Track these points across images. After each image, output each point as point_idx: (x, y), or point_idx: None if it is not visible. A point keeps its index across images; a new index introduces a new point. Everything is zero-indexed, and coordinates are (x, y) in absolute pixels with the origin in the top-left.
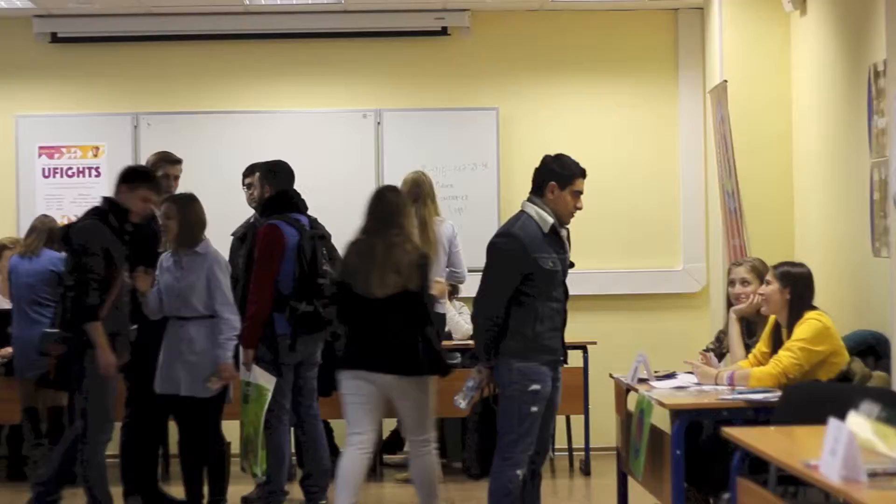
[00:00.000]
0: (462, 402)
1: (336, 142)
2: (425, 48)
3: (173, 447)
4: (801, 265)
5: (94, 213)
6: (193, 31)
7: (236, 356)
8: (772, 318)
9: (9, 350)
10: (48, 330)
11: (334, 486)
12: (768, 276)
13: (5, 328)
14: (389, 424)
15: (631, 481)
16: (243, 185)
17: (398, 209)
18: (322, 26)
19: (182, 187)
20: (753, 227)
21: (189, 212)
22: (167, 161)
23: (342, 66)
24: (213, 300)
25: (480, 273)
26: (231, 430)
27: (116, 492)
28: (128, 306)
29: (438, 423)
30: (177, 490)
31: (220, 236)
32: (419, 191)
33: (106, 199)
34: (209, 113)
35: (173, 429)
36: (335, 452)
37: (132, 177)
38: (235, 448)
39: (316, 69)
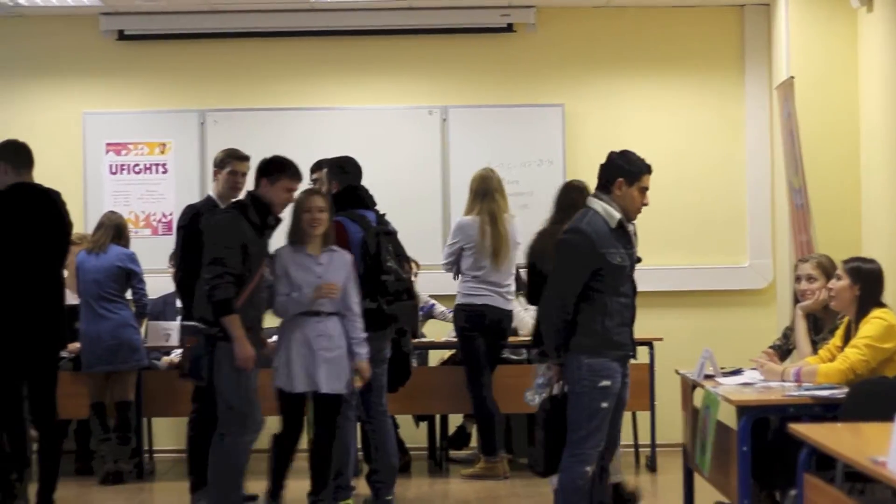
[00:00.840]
0: (534, 399)
1: (402, 138)
2: (491, 45)
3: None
4: (872, 261)
5: (234, 206)
6: (259, 29)
7: None
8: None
9: (77, 345)
10: (185, 322)
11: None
12: (838, 271)
13: (73, 323)
14: (455, 420)
15: (697, 478)
16: (310, 181)
17: (577, 201)
18: (388, 23)
19: (248, 184)
20: (820, 223)
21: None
22: (235, 158)
23: (408, 63)
24: (349, 297)
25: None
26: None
27: (184, 486)
28: (265, 302)
29: (506, 420)
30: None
31: (286, 233)
32: (487, 186)
33: (249, 193)
34: (275, 110)
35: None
36: (402, 449)
37: (271, 169)
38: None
39: (382, 66)
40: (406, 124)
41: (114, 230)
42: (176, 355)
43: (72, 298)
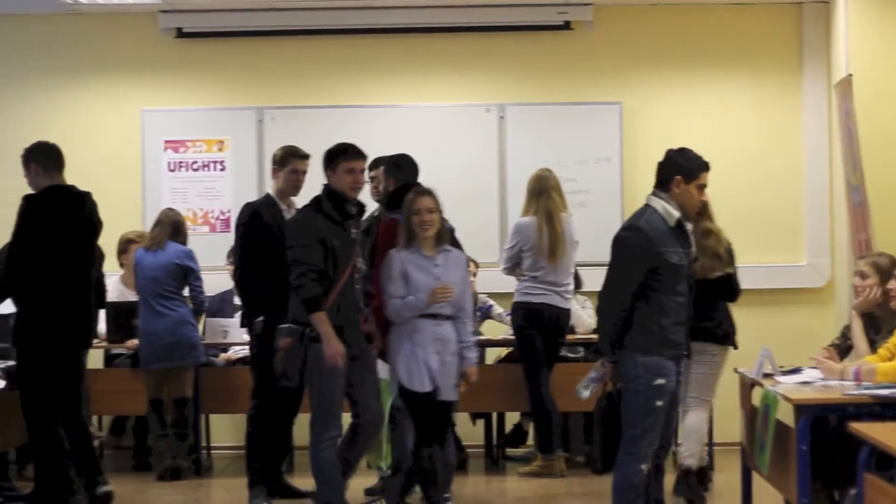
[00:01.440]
0: (584, 392)
1: (459, 136)
2: (548, 42)
3: (298, 438)
4: None
5: (310, 203)
6: (317, 26)
7: None
8: None
9: (135, 342)
10: (282, 325)
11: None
12: None
13: (131, 320)
14: (512, 418)
15: (755, 477)
16: (367, 178)
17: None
18: (446, 20)
19: (306, 182)
20: (879, 221)
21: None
22: (297, 156)
23: (465, 61)
24: (462, 298)
25: (601, 267)
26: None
27: (241, 483)
28: (358, 295)
29: (563, 418)
30: (301, 482)
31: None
32: (543, 185)
33: (324, 185)
34: (332, 107)
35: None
36: (459, 447)
37: (329, 158)
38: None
39: (439, 64)
40: (463, 122)
41: (171, 227)
42: (234, 352)
43: (129, 295)
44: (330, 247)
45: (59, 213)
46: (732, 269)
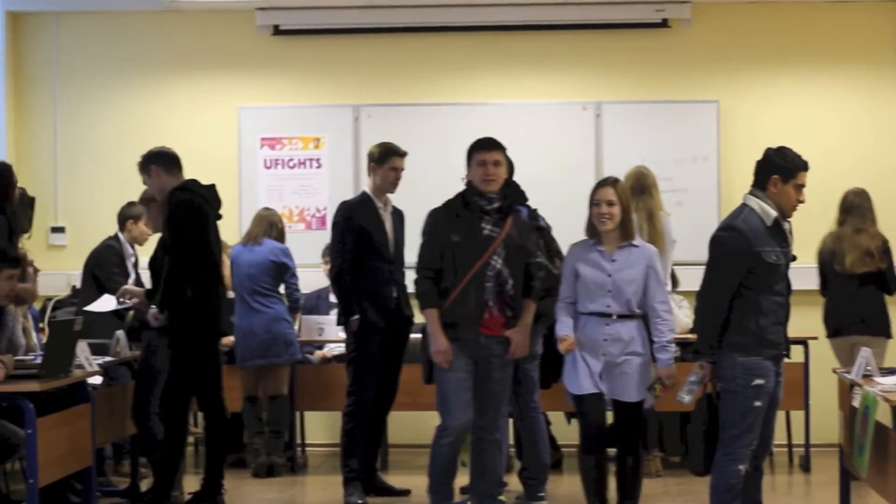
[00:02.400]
0: (686, 398)
1: (555, 134)
2: (646, 40)
3: (392, 436)
4: None
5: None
6: (414, 24)
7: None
8: None
9: (231, 339)
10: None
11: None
12: None
13: (227, 317)
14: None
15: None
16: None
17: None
18: (542, 18)
19: (402, 179)
20: None
21: (627, 198)
22: (394, 153)
23: (562, 58)
24: (650, 297)
25: (698, 267)
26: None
27: (336, 480)
28: (490, 293)
29: (658, 418)
30: (395, 479)
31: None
32: (643, 183)
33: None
34: (428, 105)
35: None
36: (554, 445)
37: (467, 152)
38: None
39: (535, 61)
40: (560, 120)
41: (267, 225)
42: (329, 349)
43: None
44: (448, 242)
45: (209, 207)
46: (885, 264)
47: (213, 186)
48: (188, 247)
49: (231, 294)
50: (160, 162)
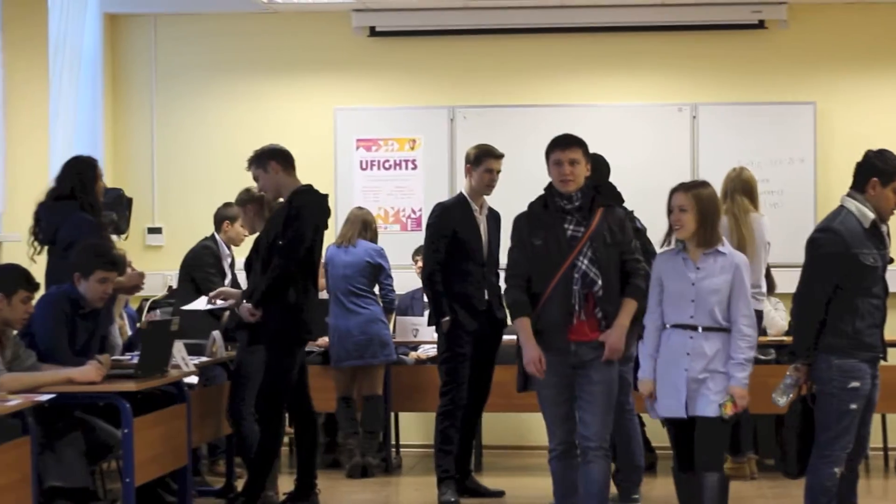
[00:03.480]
0: (780, 400)
1: (651, 135)
2: (742, 41)
3: (486, 438)
4: None
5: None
6: (510, 25)
7: None
8: None
9: (325, 340)
10: None
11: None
12: None
13: (322, 318)
14: None
15: None
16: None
17: None
18: (638, 20)
19: (499, 181)
20: None
21: (708, 203)
22: (490, 155)
23: (658, 60)
24: (732, 309)
25: (795, 269)
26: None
27: (430, 481)
28: (577, 297)
29: (752, 420)
30: (489, 481)
31: None
32: (734, 185)
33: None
34: (524, 106)
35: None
36: (649, 447)
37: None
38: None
39: (630, 62)
40: (656, 121)
41: (361, 225)
42: (423, 350)
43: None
44: (532, 247)
45: (324, 212)
46: None
47: (327, 196)
48: (301, 251)
49: (325, 295)
50: (280, 159)
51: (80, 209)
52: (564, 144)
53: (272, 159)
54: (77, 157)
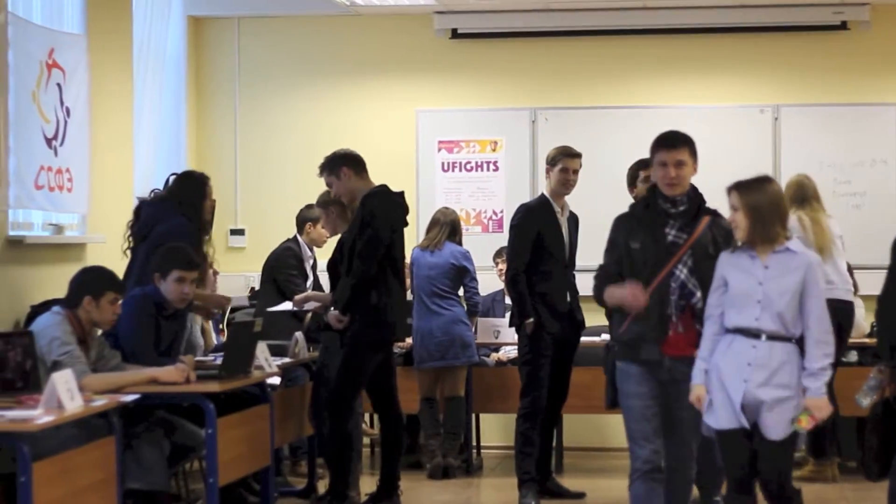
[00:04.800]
0: (863, 401)
1: (733, 137)
2: (824, 43)
3: (567, 439)
4: None
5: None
6: (590, 27)
7: None
8: None
9: (408, 341)
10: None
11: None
12: None
13: (406, 320)
14: None
15: None
16: (639, 180)
17: None
18: (719, 21)
19: (579, 182)
20: None
21: (760, 198)
22: (567, 155)
23: (738, 61)
24: (805, 314)
25: (877, 270)
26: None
27: (510, 482)
28: (674, 307)
29: (832, 421)
30: (570, 482)
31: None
32: (803, 193)
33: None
34: (606, 108)
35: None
36: None
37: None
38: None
39: (711, 64)
40: (737, 123)
41: (449, 227)
42: (504, 352)
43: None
44: (627, 250)
45: (399, 211)
46: None
47: (402, 193)
48: (379, 252)
49: (409, 296)
50: (352, 164)
51: (183, 215)
52: (670, 144)
53: (344, 165)
54: (190, 172)
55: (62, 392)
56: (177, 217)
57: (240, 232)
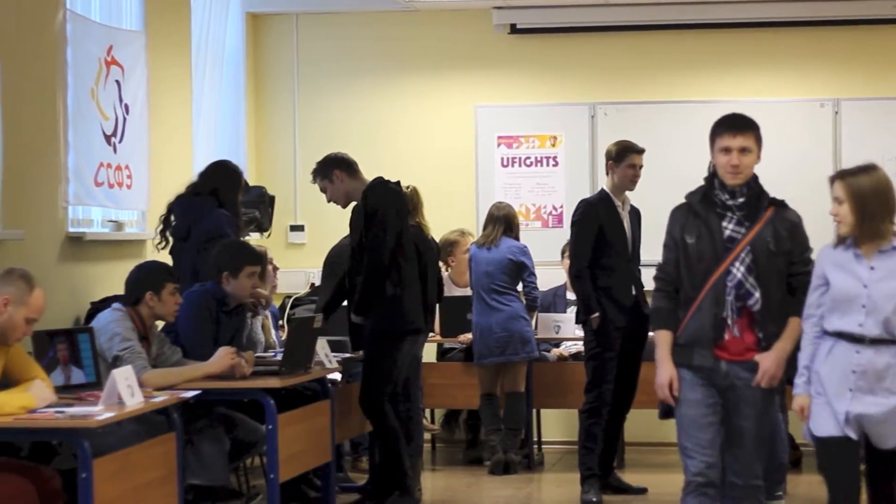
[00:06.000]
0: None
1: (792, 131)
2: (883, 36)
3: (628, 434)
4: None
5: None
6: (650, 21)
7: None
8: None
9: (468, 336)
10: None
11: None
12: None
13: (464, 315)
14: None
15: None
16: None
17: None
18: (777, 15)
19: (640, 177)
20: None
21: (867, 189)
22: (632, 150)
23: (797, 55)
24: None
25: None
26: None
27: (572, 478)
28: (731, 308)
29: None
30: (632, 478)
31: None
32: None
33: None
34: (665, 103)
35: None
36: (793, 444)
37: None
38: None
39: (770, 58)
40: (797, 117)
41: (504, 223)
42: (565, 347)
43: (456, 291)
44: (683, 245)
45: (400, 197)
46: None
47: (398, 183)
48: (389, 240)
49: (468, 292)
50: (343, 167)
51: (220, 206)
52: (736, 128)
53: (335, 168)
54: (223, 161)
55: (122, 388)
56: (214, 210)
57: (299, 228)
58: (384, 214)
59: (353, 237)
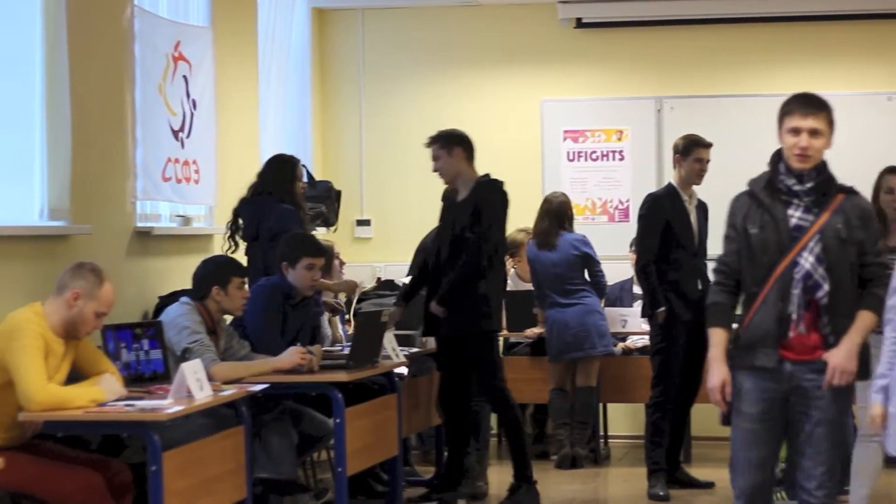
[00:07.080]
0: None
1: (859, 125)
2: None
3: (695, 429)
4: None
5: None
6: (716, 15)
7: None
8: None
9: (534, 330)
10: None
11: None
12: None
13: (529, 309)
14: None
15: None
16: (883, 191)
17: None
18: (845, 8)
19: (707, 171)
20: None
21: None
22: (700, 145)
23: (863, 48)
24: None
25: None
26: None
27: (638, 472)
28: (797, 302)
29: None
30: (699, 472)
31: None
32: None
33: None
34: (732, 96)
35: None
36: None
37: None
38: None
39: (838, 51)
40: (864, 110)
41: (556, 221)
42: (632, 341)
43: (522, 286)
44: (746, 236)
45: (507, 205)
46: None
47: (503, 183)
48: (490, 248)
49: (528, 286)
50: (466, 147)
51: (282, 202)
52: (807, 107)
53: (459, 145)
54: (279, 156)
55: (191, 382)
56: (277, 206)
57: (366, 223)
58: (494, 214)
59: (453, 228)
